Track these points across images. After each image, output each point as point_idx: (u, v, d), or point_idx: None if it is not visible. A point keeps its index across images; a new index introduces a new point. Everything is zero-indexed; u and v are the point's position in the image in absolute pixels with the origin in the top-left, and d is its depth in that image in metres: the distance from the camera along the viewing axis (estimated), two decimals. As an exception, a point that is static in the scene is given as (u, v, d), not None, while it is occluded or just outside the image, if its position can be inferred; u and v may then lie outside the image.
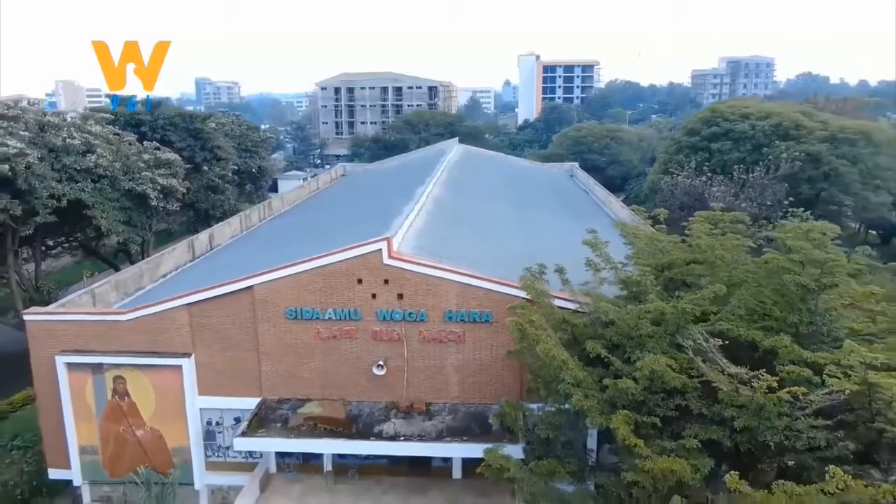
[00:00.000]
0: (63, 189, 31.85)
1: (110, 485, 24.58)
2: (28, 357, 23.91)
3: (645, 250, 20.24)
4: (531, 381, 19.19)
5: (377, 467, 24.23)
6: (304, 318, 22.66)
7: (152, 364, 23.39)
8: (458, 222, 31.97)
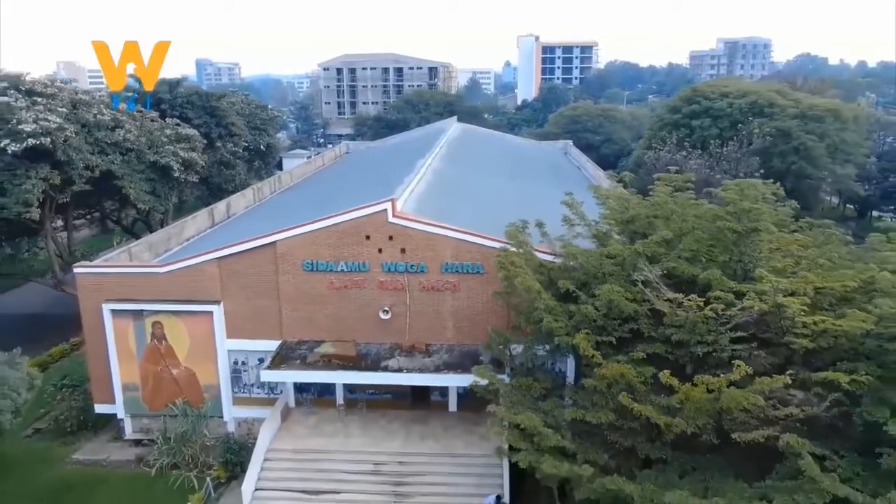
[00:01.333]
0: (96, 161, 35.04)
1: (149, 417, 28.05)
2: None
3: (615, 208, 23.52)
4: (514, 319, 22.61)
5: (383, 402, 27.76)
6: (319, 270, 25.97)
7: (186, 311, 26.79)
8: (455, 190, 35.25)
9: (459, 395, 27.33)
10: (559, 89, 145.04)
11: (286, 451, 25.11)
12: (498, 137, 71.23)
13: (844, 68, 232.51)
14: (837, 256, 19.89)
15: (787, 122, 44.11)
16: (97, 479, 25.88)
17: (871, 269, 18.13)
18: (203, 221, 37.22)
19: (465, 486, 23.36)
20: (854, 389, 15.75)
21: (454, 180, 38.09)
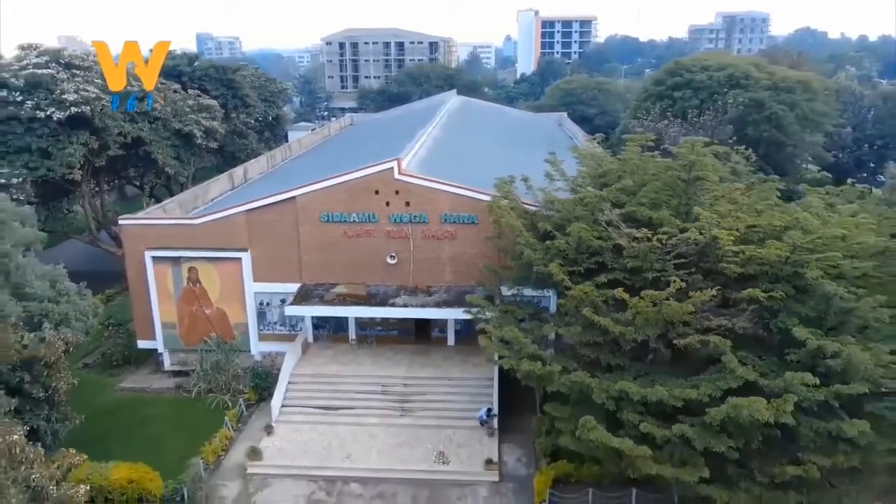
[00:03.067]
0: (128, 128, 38.71)
1: (185, 352, 32.06)
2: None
3: (590, 165, 27.32)
4: (503, 259, 26.54)
5: (390, 337, 31.81)
6: (335, 221, 29.77)
7: (218, 257, 30.64)
8: (453, 155, 38.94)
9: (457, 332, 31.35)
10: (557, 63, 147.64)
11: (307, 375, 29.19)
12: (496, 109, 74.63)
13: (845, 42, 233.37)
14: (773, 203, 23.69)
15: (760, 93, 47.60)
16: (145, 402, 30.01)
17: (796, 211, 22.00)
18: (224, 184, 41.01)
19: (460, 402, 27.45)
20: (772, 305, 19.71)
21: (453, 146, 41.77)
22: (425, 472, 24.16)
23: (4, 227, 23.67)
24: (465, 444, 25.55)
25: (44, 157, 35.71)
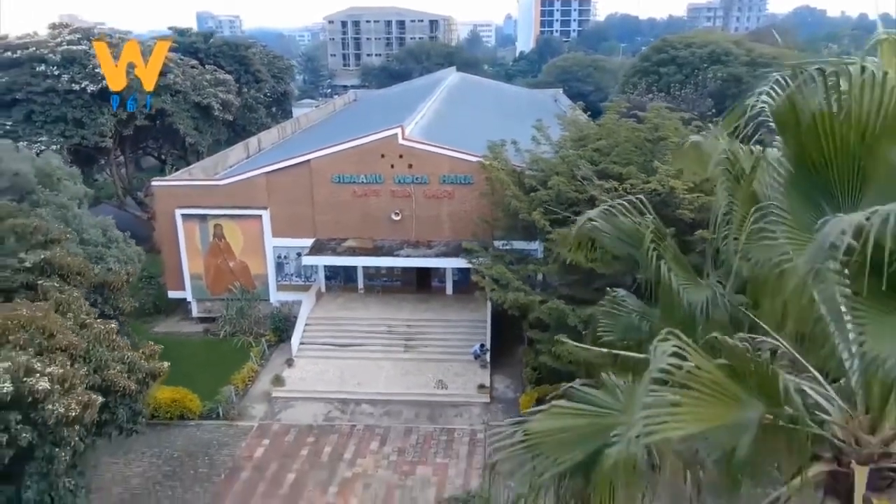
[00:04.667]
0: (153, 100, 42.07)
1: (210, 300, 35.75)
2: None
3: (572, 130, 30.82)
4: (494, 213, 30.14)
5: (394, 287, 35.50)
6: (345, 182, 33.29)
7: (241, 215, 34.22)
8: (452, 124, 42.40)
9: (454, 282, 35.04)
10: (554, 41, 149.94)
11: (321, 318, 32.95)
12: (494, 85, 77.84)
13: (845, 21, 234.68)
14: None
15: (738, 69, 50.85)
16: (177, 344, 33.58)
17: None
18: (240, 153, 44.48)
19: (457, 339, 31.22)
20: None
21: (452, 117, 45.20)
22: (426, 396, 27.97)
23: (59, 182, 27.23)
24: (461, 373, 29.34)
25: (78, 127, 39.20)
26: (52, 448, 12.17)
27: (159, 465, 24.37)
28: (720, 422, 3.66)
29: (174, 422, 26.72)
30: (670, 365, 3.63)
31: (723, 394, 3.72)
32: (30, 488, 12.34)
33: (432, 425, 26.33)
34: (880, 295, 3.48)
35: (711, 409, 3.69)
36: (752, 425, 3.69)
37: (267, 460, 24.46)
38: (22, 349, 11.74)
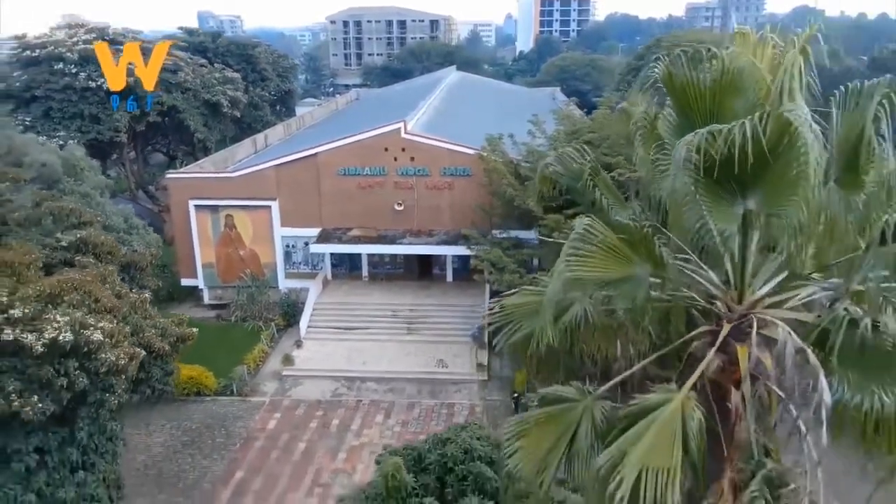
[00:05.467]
0: (164, 97, 43.87)
1: (221, 288, 37.47)
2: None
3: (567, 124, 32.55)
4: (492, 202, 31.86)
5: (397, 275, 37.23)
6: (350, 174, 35.01)
7: (251, 206, 35.93)
8: (452, 120, 44.12)
9: (454, 270, 36.77)
10: (553, 41, 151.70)
11: (328, 303, 34.68)
12: (493, 84, 79.63)
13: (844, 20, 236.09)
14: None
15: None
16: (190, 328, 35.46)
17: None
18: (248, 148, 46.20)
19: (457, 322, 32.93)
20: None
21: (452, 113, 46.94)
22: (428, 374, 29.69)
23: (83, 173, 29.00)
24: (460, 354, 31.06)
25: (94, 122, 40.98)
26: (102, 394, 13.86)
27: (178, 436, 26.09)
28: (621, 274, 5.33)
29: (191, 398, 28.45)
30: (584, 229, 5.34)
31: (621, 255, 5.39)
32: (82, 430, 14.05)
33: (434, 400, 28.06)
34: (714, 187, 5.16)
35: (613, 265, 5.36)
36: (644, 281, 5.36)
37: (279, 431, 26.19)
38: (75, 308, 13.45)
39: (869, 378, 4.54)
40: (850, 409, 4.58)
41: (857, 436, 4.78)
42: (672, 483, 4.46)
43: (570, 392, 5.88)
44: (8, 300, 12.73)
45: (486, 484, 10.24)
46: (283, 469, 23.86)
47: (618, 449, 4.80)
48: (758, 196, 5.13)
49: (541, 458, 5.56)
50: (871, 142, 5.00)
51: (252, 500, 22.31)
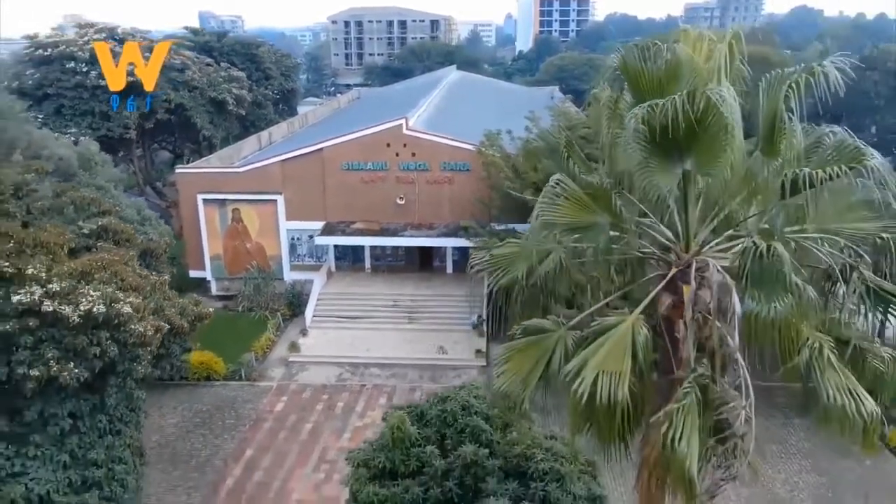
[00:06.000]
0: (172, 95, 45.07)
1: (228, 280, 38.67)
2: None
3: (562, 119, 33.75)
4: (491, 195, 33.06)
5: (398, 267, 38.44)
6: (354, 169, 36.22)
7: (257, 199, 37.15)
8: (452, 117, 45.34)
9: (454, 262, 37.96)
10: (552, 41, 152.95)
11: (332, 293, 35.89)
12: (491, 83, 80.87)
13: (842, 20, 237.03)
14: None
15: (721, 66, 53.65)
16: (199, 317, 36.70)
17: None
18: (253, 144, 47.43)
19: (456, 312, 34.13)
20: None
21: (451, 112, 48.15)
22: (429, 360, 30.89)
23: (97, 166, 30.20)
24: (460, 341, 32.27)
25: (104, 119, 42.17)
26: (129, 364, 15.04)
27: (190, 417, 27.29)
28: (586, 222, 6.52)
29: (202, 382, 29.66)
30: (556, 183, 6.55)
31: (586, 206, 6.60)
32: (110, 397, 15.22)
33: (434, 384, 29.21)
34: (658, 152, 6.37)
35: (579, 213, 6.56)
36: (605, 228, 6.56)
37: (286, 413, 27.40)
38: (105, 284, 14.62)
39: (769, 293, 5.74)
40: (757, 318, 5.80)
41: (766, 342, 5.99)
42: (622, 383, 5.65)
43: (547, 324, 7.13)
44: (46, 276, 13.95)
45: (482, 435, 11.43)
46: (291, 447, 25.06)
47: (581, 358, 6.01)
48: (692, 159, 6.35)
49: (523, 377, 6.76)
50: (782, 118, 6.22)
51: (262, 476, 23.49)
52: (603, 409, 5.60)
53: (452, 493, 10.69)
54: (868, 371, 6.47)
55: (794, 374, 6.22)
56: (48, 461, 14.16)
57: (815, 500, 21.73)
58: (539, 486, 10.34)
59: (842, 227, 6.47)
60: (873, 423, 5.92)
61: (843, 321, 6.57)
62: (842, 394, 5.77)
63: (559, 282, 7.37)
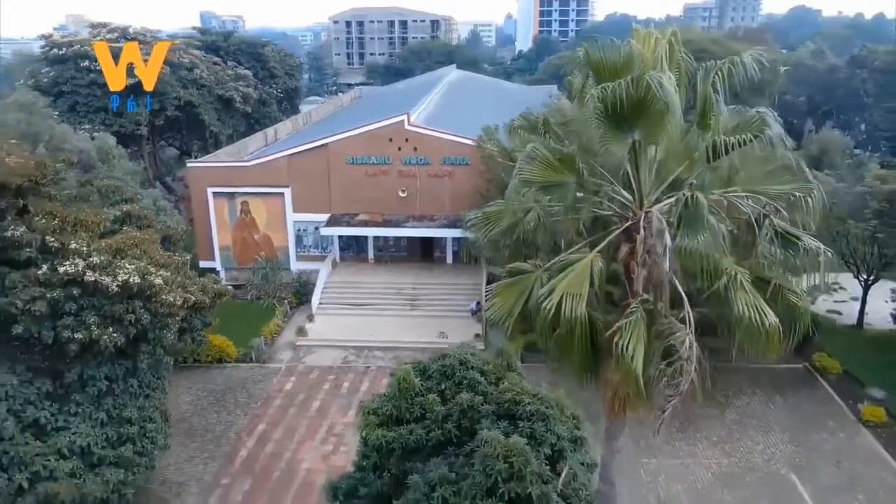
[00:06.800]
0: (181, 93, 46.70)
1: (237, 270, 40.24)
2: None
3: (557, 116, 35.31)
4: (489, 187, 34.62)
5: (401, 257, 40.03)
6: (358, 163, 37.79)
7: (265, 192, 38.71)
8: (452, 114, 46.92)
9: (454, 253, 39.56)
10: (552, 41, 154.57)
11: (337, 282, 37.50)
12: (491, 82, 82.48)
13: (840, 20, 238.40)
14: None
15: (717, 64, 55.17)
16: (209, 305, 38.29)
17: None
18: (260, 141, 49.02)
19: (456, 299, 35.74)
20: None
21: (452, 109, 49.75)
22: (430, 344, 32.35)
23: (115, 159, 31.82)
24: (459, 327, 33.84)
25: (117, 116, 43.79)
26: (159, 332, 16.60)
27: (204, 396, 28.88)
28: (556, 181, 8.06)
29: (214, 364, 31.24)
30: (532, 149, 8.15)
31: (555, 167, 8.15)
32: (142, 362, 16.79)
33: (435, 366, 30.81)
34: (612, 125, 7.97)
35: (550, 174, 8.11)
36: (572, 186, 8.12)
37: (295, 392, 28.99)
38: (137, 260, 16.16)
39: (693, 231, 7.29)
40: (686, 250, 7.34)
41: (696, 270, 7.55)
42: (581, 301, 7.19)
43: (528, 267, 8.67)
44: (87, 250, 15.49)
45: (478, 386, 12.96)
46: (301, 422, 26.65)
47: (551, 286, 7.54)
48: (639, 131, 7.90)
49: (508, 308, 8.29)
50: (711, 99, 7.79)
51: (274, 447, 25.07)
52: (567, 324, 7.11)
53: (451, 433, 12.22)
54: (783, 303, 8.06)
55: (717, 297, 7.78)
56: (87, 418, 15.71)
57: (790, 467, 23.27)
58: (526, 425, 11.88)
59: (766, 188, 8.08)
60: (773, 332, 7.47)
61: (764, 262, 8.17)
62: (749, 308, 7.33)
63: (538, 235, 8.96)
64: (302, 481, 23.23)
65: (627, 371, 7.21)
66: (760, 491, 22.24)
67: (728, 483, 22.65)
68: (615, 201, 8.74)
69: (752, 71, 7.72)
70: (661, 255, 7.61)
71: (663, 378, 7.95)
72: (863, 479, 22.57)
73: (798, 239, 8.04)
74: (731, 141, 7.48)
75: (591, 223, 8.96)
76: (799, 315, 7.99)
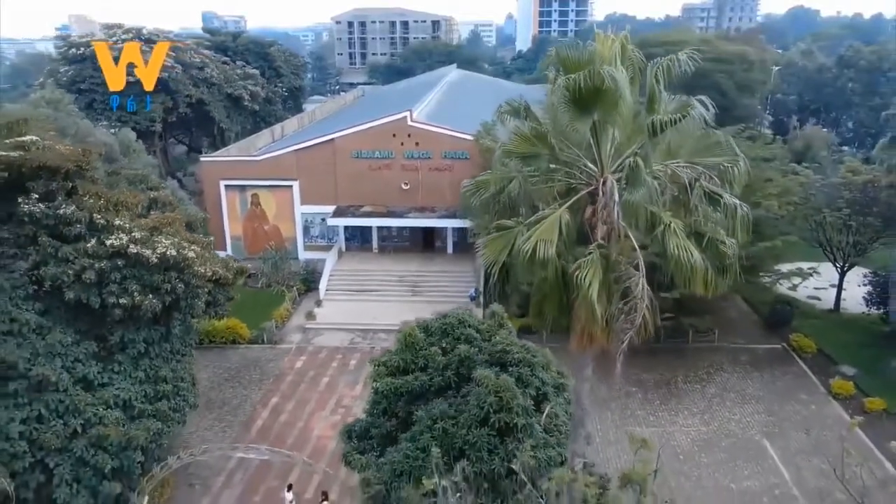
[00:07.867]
0: (193, 91, 48.76)
1: (248, 259, 42.22)
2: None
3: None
4: (487, 180, 36.70)
5: (403, 247, 42.06)
6: (362, 157, 39.83)
7: (274, 185, 40.77)
8: (453, 111, 48.93)
9: (454, 244, 41.59)
10: (551, 41, 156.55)
11: (343, 270, 39.53)
12: (490, 80, 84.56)
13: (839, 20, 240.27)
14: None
15: (704, 65, 57.07)
16: (221, 292, 40.34)
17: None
18: (267, 138, 51.10)
19: (456, 286, 37.75)
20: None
21: (452, 107, 51.80)
22: (431, 326, 34.47)
23: (135, 153, 33.86)
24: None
25: (131, 113, 45.83)
26: (191, 300, 18.60)
27: (220, 374, 30.90)
28: (532, 152, 10.05)
29: (228, 345, 33.29)
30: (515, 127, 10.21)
31: (532, 142, 10.14)
32: (175, 327, 18.80)
33: (436, 346, 32.84)
34: (576, 107, 10.07)
35: (528, 146, 10.08)
36: (545, 157, 10.10)
37: (306, 370, 31.03)
38: (172, 236, 18.16)
39: (634, 187, 9.31)
40: (629, 203, 9.34)
41: (640, 219, 9.54)
42: (551, 246, 9.19)
43: (511, 223, 10.68)
44: (129, 226, 17.50)
45: (474, 341, 15.06)
46: (311, 395, 28.70)
47: (528, 234, 9.53)
48: (598, 112, 9.91)
49: (496, 254, 10.27)
50: (655, 89, 9.81)
51: (287, 417, 27.12)
52: (541, 264, 9.10)
53: (450, 379, 14.27)
54: (716, 252, 10.08)
55: (656, 244, 9.79)
56: (128, 376, 17.72)
57: (763, 434, 25.29)
58: (514, 370, 13.91)
59: (701, 160, 10.09)
60: (698, 267, 9.50)
61: (700, 220, 10.25)
62: (680, 250, 9.37)
63: (520, 199, 10.98)
64: (314, 446, 25.25)
65: (585, 298, 9.17)
66: (735, 454, 24.25)
67: (705, 448, 24.67)
68: (584, 173, 10.70)
69: (687, 66, 9.76)
70: (612, 210, 9.59)
71: (621, 315, 9.92)
72: (828, 444, 24.56)
73: (721, 196, 10.14)
74: (666, 119, 9.49)
75: (565, 192, 10.96)
76: (727, 259, 10.07)
